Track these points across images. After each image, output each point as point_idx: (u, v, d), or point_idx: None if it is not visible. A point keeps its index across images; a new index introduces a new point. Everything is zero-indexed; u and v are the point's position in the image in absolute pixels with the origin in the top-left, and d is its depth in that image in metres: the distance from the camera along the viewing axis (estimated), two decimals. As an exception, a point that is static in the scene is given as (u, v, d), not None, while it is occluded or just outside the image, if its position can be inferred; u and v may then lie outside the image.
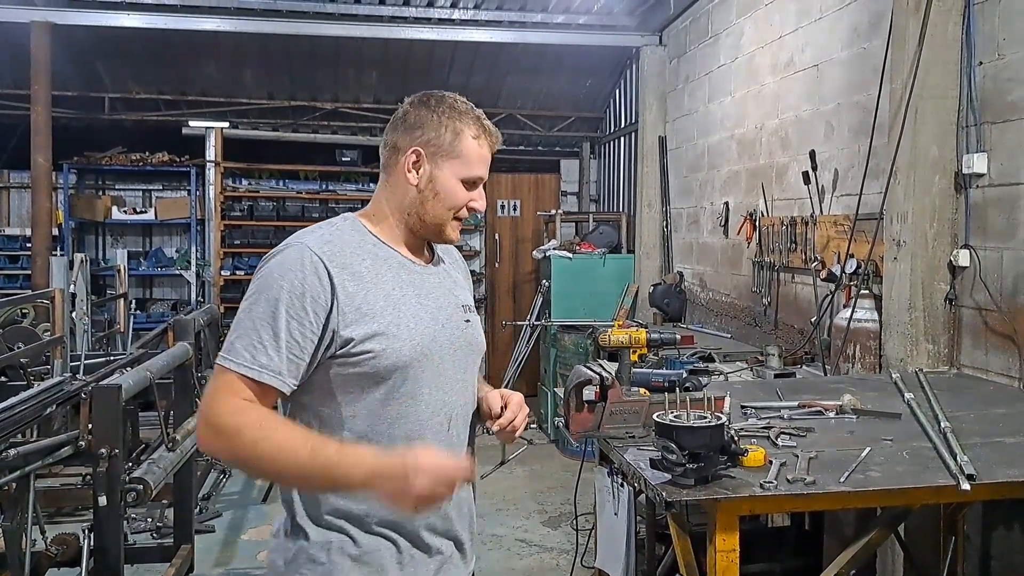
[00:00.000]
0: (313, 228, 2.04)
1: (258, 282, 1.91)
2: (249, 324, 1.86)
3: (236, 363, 1.84)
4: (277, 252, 1.95)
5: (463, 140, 2.03)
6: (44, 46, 7.99)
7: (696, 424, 2.50)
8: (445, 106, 2.04)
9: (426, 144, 2.01)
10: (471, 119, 2.05)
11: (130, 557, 4.66)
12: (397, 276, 2.00)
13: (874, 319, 4.72)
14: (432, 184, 2.03)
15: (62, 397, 3.97)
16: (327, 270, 1.89)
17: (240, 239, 10.56)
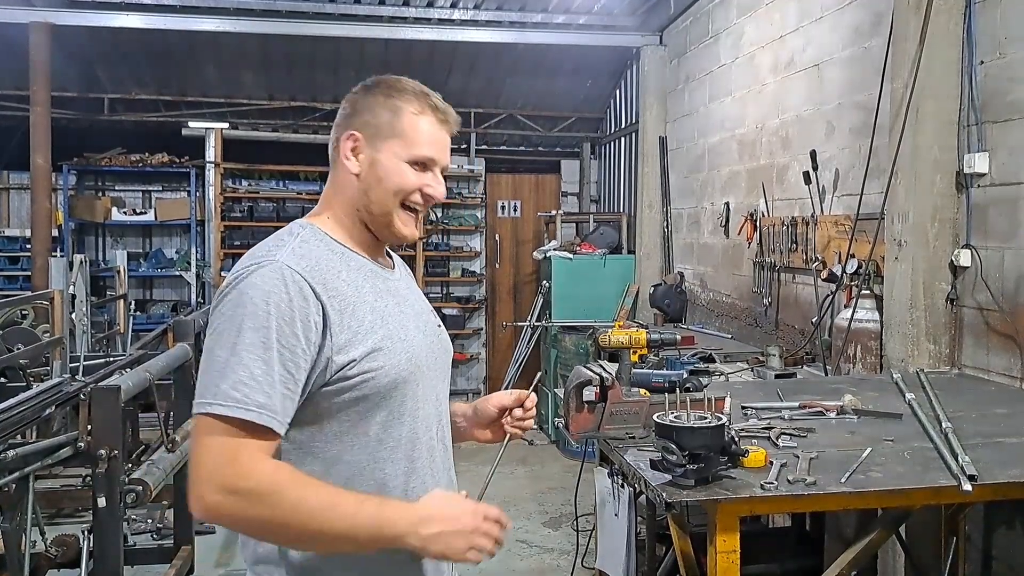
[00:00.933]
0: (274, 243, 1.75)
1: (233, 308, 1.63)
2: (235, 359, 1.58)
3: (229, 407, 1.57)
4: (246, 272, 1.66)
5: (403, 117, 1.83)
6: (43, 47, 7.98)
7: (696, 425, 2.49)
8: (383, 86, 1.88)
9: (363, 127, 1.83)
10: (412, 95, 1.87)
11: (130, 558, 4.65)
12: (374, 286, 1.80)
13: (875, 319, 4.71)
14: (373, 169, 1.81)
15: (62, 398, 3.97)
16: (312, 290, 1.65)
17: (240, 240, 10.54)
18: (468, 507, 1.66)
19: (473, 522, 1.64)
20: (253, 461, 1.57)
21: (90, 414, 3.69)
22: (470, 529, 1.63)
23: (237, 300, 1.63)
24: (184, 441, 4.42)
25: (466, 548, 1.63)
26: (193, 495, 1.58)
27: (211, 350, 1.62)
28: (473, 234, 11.34)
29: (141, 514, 5.76)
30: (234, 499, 1.56)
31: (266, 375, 1.58)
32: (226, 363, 1.58)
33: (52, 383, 4.20)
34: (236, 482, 1.55)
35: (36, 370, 5.27)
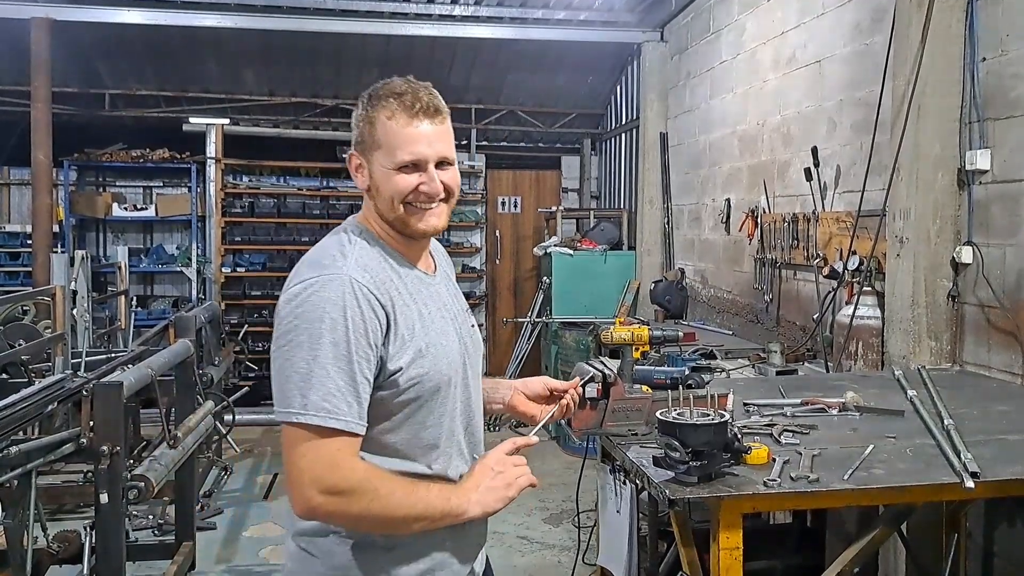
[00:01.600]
0: (336, 248, 1.89)
1: (310, 319, 1.77)
2: (321, 372, 1.74)
3: (323, 417, 1.74)
4: (315, 283, 1.79)
5: (379, 126, 1.89)
6: (44, 42, 7.98)
7: (700, 422, 2.49)
8: (368, 98, 1.94)
9: (357, 145, 1.94)
10: (386, 99, 1.91)
11: (132, 554, 4.66)
12: (419, 290, 1.94)
13: (876, 316, 4.71)
14: (374, 182, 1.93)
15: (63, 394, 3.97)
16: (379, 302, 1.81)
17: (241, 236, 10.56)
18: (491, 460, 1.97)
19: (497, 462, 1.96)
20: (350, 465, 1.78)
21: (92, 410, 3.69)
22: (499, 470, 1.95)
23: (313, 313, 1.76)
24: (185, 437, 4.43)
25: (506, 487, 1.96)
26: (297, 498, 1.78)
27: (288, 358, 1.78)
28: (474, 230, 11.34)
29: (143, 510, 5.76)
30: (337, 499, 1.77)
31: (349, 385, 1.76)
32: (310, 373, 1.75)
33: (54, 379, 4.20)
34: (338, 484, 1.76)
35: (38, 366, 5.27)
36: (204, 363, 6.27)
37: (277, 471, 7.28)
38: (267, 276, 10.58)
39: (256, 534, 6.00)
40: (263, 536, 5.95)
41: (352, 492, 1.77)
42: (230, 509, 6.44)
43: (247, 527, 6.12)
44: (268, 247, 10.65)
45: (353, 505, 1.78)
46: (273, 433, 8.61)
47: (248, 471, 7.43)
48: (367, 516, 1.80)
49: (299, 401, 1.75)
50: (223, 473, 7.11)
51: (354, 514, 1.80)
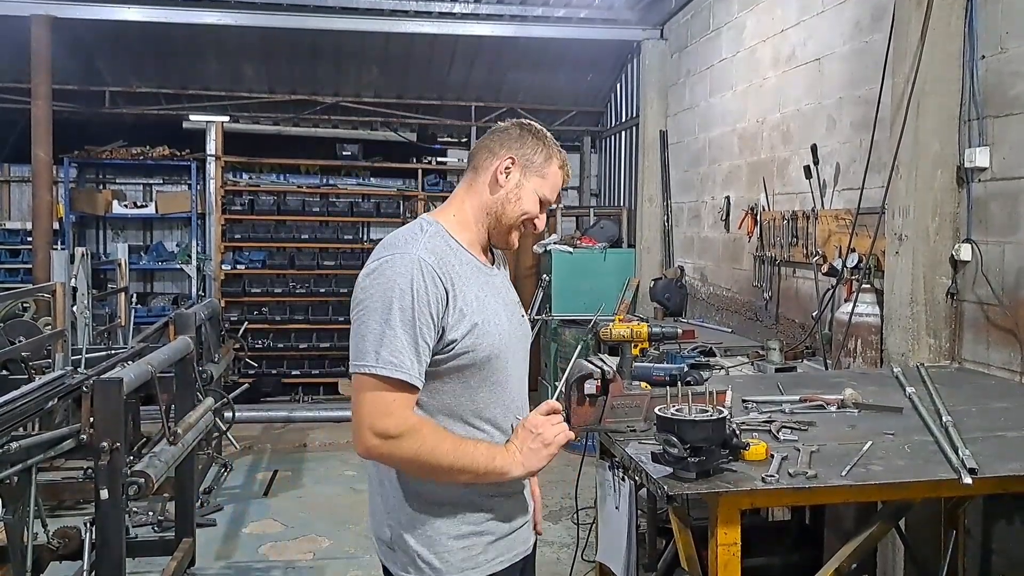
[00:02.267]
0: (409, 235, 2.19)
1: (382, 289, 2.06)
2: (390, 332, 2.03)
3: (390, 369, 2.02)
4: (387, 262, 2.10)
5: (552, 164, 2.33)
6: (44, 40, 7.98)
7: (698, 418, 2.49)
8: (542, 135, 2.35)
9: (522, 156, 2.29)
10: (559, 151, 2.36)
11: (132, 550, 4.67)
12: (477, 279, 2.22)
13: (875, 313, 4.71)
14: (517, 190, 2.29)
15: (63, 391, 3.97)
16: (440, 279, 2.09)
17: (241, 233, 10.57)
18: (531, 422, 2.21)
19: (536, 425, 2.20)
20: (404, 412, 2.05)
21: (92, 407, 3.69)
22: (538, 432, 2.20)
23: (386, 283, 2.06)
24: (186, 434, 4.43)
25: (545, 446, 2.21)
26: (356, 438, 2.08)
27: (364, 321, 2.07)
28: (474, 228, 11.32)
29: (143, 506, 5.77)
30: (389, 442, 2.05)
31: (411, 345, 2.04)
32: (383, 334, 2.03)
33: (54, 376, 4.19)
34: (390, 429, 2.03)
35: (38, 363, 5.28)
36: (204, 360, 6.27)
37: (277, 468, 7.30)
38: (267, 273, 10.59)
39: (256, 531, 6.01)
40: (263, 533, 5.96)
41: (401, 436, 2.04)
42: (230, 506, 6.44)
43: (247, 524, 6.13)
44: (268, 244, 10.65)
45: (403, 448, 2.05)
46: (272, 430, 8.63)
47: (248, 468, 7.44)
48: (415, 460, 2.07)
49: (372, 357, 2.03)
50: (223, 470, 7.12)
51: (403, 457, 2.07)
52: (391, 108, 10.91)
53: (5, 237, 10.27)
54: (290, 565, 5.42)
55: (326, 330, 10.46)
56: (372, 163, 10.90)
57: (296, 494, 6.72)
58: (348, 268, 10.65)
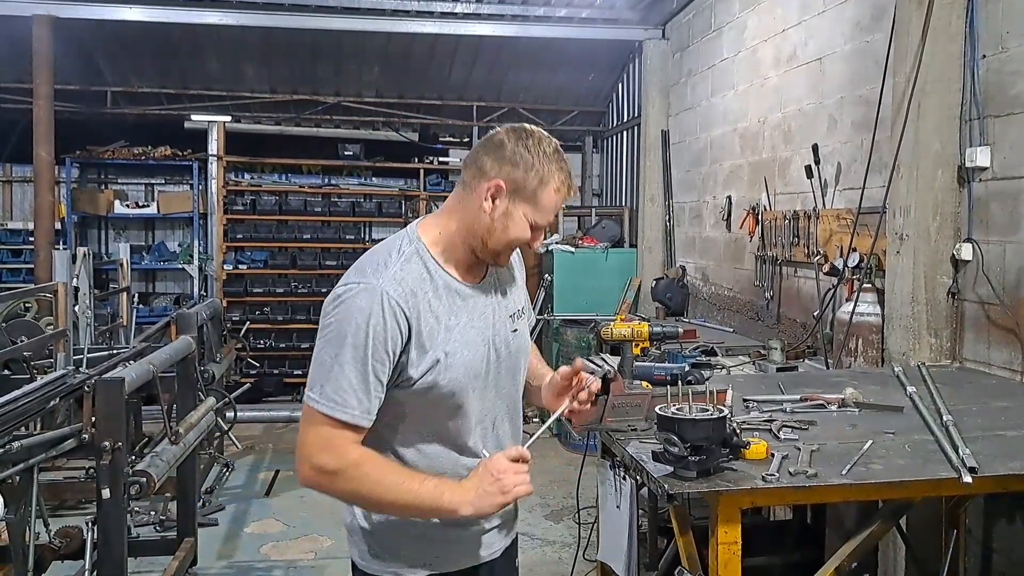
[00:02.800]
0: (385, 256, 2.09)
1: (338, 323, 1.99)
2: (338, 369, 1.97)
3: (331, 407, 1.97)
4: (351, 291, 2.01)
5: (546, 190, 2.09)
6: (46, 40, 7.99)
7: (698, 417, 2.50)
8: (540, 150, 2.08)
9: (511, 181, 2.06)
10: (558, 169, 2.10)
11: (133, 550, 4.67)
12: (453, 303, 2.11)
13: (876, 313, 4.71)
14: (504, 218, 2.09)
15: (65, 390, 3.98)
16: (405, 315, 2.00)
17: (242, 233, 10.58)
18: (494, 465, 2.03)
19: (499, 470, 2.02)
20: (342, 449, 1.99)
21: (94, 406, 3.70)
22: (497, 477, 2.01)
23: (344, 316, 1.99)
24: (187, 433, 4.44)
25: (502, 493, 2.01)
26: (296, 466, 2.04)
27: (320, 352, 2.01)
28: (475, 228, 11.33)
29: (144, 506, 5.78)
30: (327, 476, 2.01)
31: (361, 383, 1.97)
32: (331, 369, 1.98)
33: (56, 375, 4.20)
34: (327, 464, 1.99)
35: (40, 362, 5.29)
36: (206, 360, 6.28)
37: (279, 468, 7.30)
38: (269, 273, 10.60)
39: (257, 530, 6.01)
40: (264, 532, 5.96)
41: (338, 472, 2.00)
42: (231, 505, 6.45)
43: (248, 523, 6.13)
44: (270, 244, 10.66)
45: (340, 484, 2.02)
46: (274, 430, 8.64)
47: (249, 468, 7.44)
48: (354, 495, 2.07)
49: (316, 390, 1.99)
50: (225, 470, 7.13)
51: (341, 491, 2.05)
52: (393, 108, 10.91)
53: (7, 237, 10.28)
54: (292, 565, 5.43)
55: (328, 330, 10.45)
56: (374, 163, 10.90)
57: (298, 494, 6.72)
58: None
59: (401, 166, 10.98)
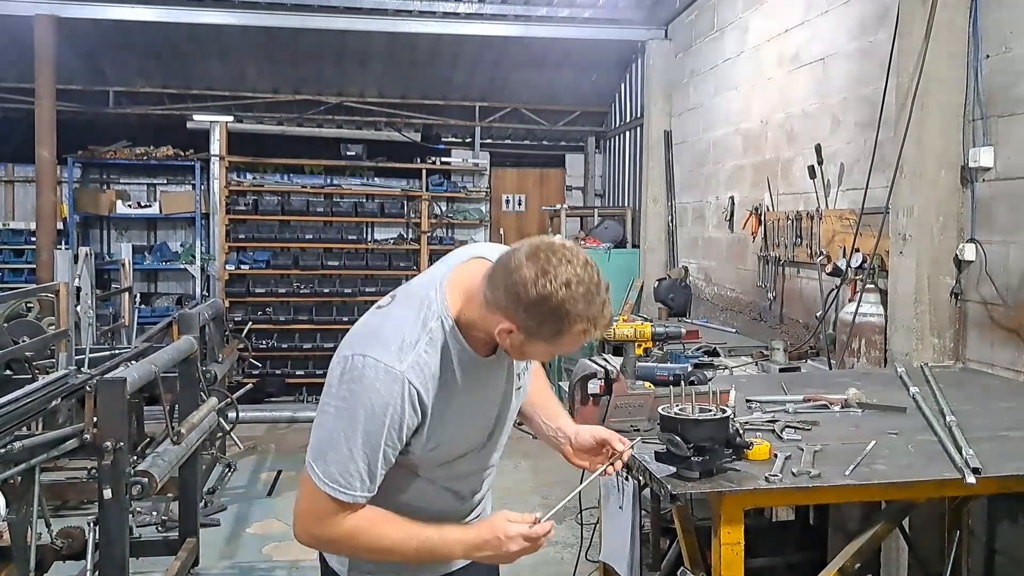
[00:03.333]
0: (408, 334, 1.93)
1: (353, 400, 1.88)
2: (347, 452, 1.89)
3: (334, 489, 1.90)
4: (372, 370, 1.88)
5: (565, 336, 1.88)
6: (48, 39, 7.99)
7: (701, 417, 2.49)
8: (559, 299, 1.81)
9: (524, 329, 1.87)
10: (584, 311, 1.85)
11: (135, 550, 4.66)
12: (468, 378, 1.99)
13: (879, 313, 4.70)
14: (520, 347, 1.93)
15: (67, 390, 3.97)
16: (422, 403, 1.91)
17: (244, 233, 10.58)
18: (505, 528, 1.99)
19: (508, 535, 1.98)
20: (336, 522, 1.94)
21: (96, 406, 3.70)
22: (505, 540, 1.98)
23: (361, 396, 1.88)
24: (189, 433, 4.43)
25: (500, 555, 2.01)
26: (293, 524, 2.01)
27: (328, 421, 1.92)
28: (477, 228, 11.34)
29: (146, 506, 5.77)
30: (321, 544, 2.05)
31: (367, 468, 1.90)
32: (339, 448, 1.89)
33: (57, 375, 4.20)
34: (321, 533, 1.98)
35: (41, 362, 5.28)
36: (208, 360, 6.27)
37: (281, 468, 7.30)
38: (271, 273, 10.60)
39: (259, 531, 6.01)
40: (266, 533, 5.96)
41: (333, 542, 2.02)
42: (234, 506, 6.45)
43: (250, 524, 6.13)
44: (272, 244, 10.66)
45: (335, 548, 2.09)
46: (276, 430, 8.64)
47: (252, 468, 7.44)
48: (350, 554, 2.11)
49: (321, 465, 1.91)
50: (227, 470, 7.12)
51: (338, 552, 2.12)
52: (395, 108, 10.91)
53: (9, 237, 10.28)
54: (294, 565, 5.42)
55: (330, 330, 10.45)
56: (376, 163, 10.90)
57: (300, 494, 6.72)
58: (352, 268, 10.66)
59: (403, 166, 10.97)
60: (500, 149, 11.50)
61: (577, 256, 1.86)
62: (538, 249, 1.84)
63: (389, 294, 2.11)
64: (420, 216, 10.82)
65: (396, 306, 2.01)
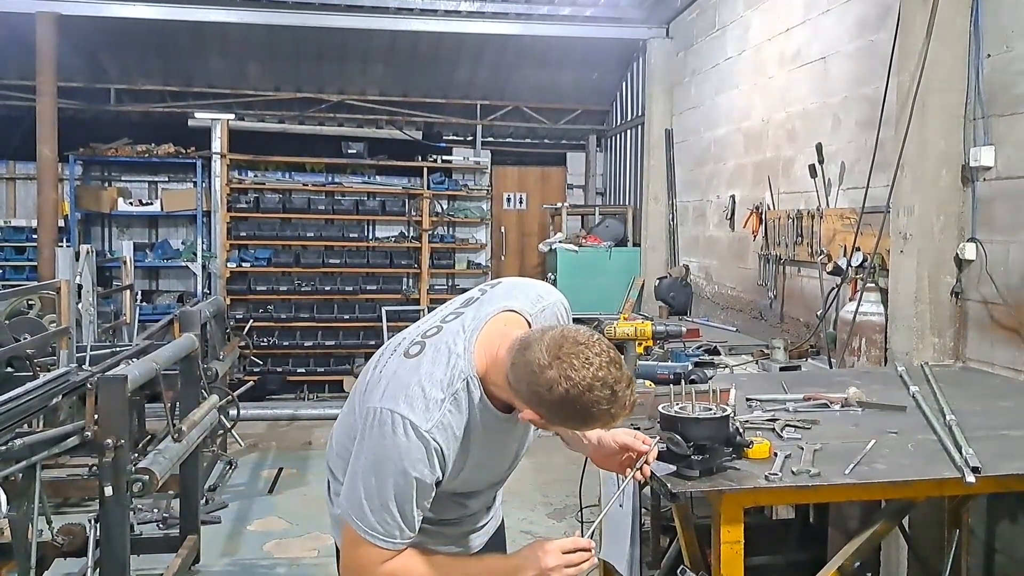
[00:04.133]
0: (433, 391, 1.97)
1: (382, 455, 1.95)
2: (379, 503, 1.95)
3: (374, 536, 1.96)
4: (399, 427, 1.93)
5: (590, 427, 2.01)
6: (49, 37, 8.00)
7: (701, 416, 2.49)
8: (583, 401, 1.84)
9: (549, 420, 1.93)
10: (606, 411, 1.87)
11: (136, 547, 4.66)
12: (488, 433, 2.05)
13: (880, 312, 4.70)
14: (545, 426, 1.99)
15: (68, 388, 3.97)
16: (445, 458, 1.97)
17: (246, 231, 10.58)
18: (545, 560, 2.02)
19: (548, 567, 2.01)
20: (375, 568, 2.00)
21: (97, 403, 3.69)
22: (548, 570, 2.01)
23: (389, 454, 1.94)
24: (190, 431, 4.43)
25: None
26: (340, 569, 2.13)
27: (359, 473, 1.98)
28: (479, 226, 11.34)
29: (147, 504, 5.78)
30: None
31: (402, 519, 1.96)
32: (372, 498, 1.96)
33: (59, 373, 4.20)
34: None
35: (43, 360, 5.27)
36: (209, 358, 6.27)
37: (282, 466, 7.30)
38: (272, 271, 10.61)
39: (260, 528, 6.01)
40: (267, 530, 5.96)
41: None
42: (235, 503, 6.44)
43: (251, 521, 6.13)
44: (273, 242, 10.66)
45: None
46: (277, 428, 8.64)
47: (253, 466, 7.44)
48: None
49: (361, 516, 1.97)
50: (228, 467, 7.12)
51: None
52: (396, 106, 10.91)
53: (11, 234, 10.28)
54: (295, 562, 5.42)
55: (331, 328, 10.47)
56: (377, 161, 10.90)
57: (301, 491, 6.71)
58: (353, 266, 10.68)
59: (405, 164, 10.97)
60: (501, 147, 11.51)
61: (600, 355, 1.86)
62: (560, 348, 1.85)
63: (419, 334, 2.12)
64: (421, 214, 10.83)
65: (426, 359, 2.02)
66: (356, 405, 2.09)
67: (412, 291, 10.83)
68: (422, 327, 2.15)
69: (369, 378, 2.10)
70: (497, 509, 2.51)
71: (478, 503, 2.31)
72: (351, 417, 2.11)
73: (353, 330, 10.51)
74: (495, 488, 2.35)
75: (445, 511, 2.18)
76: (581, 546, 2.03)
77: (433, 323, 2.14)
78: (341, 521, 2.09)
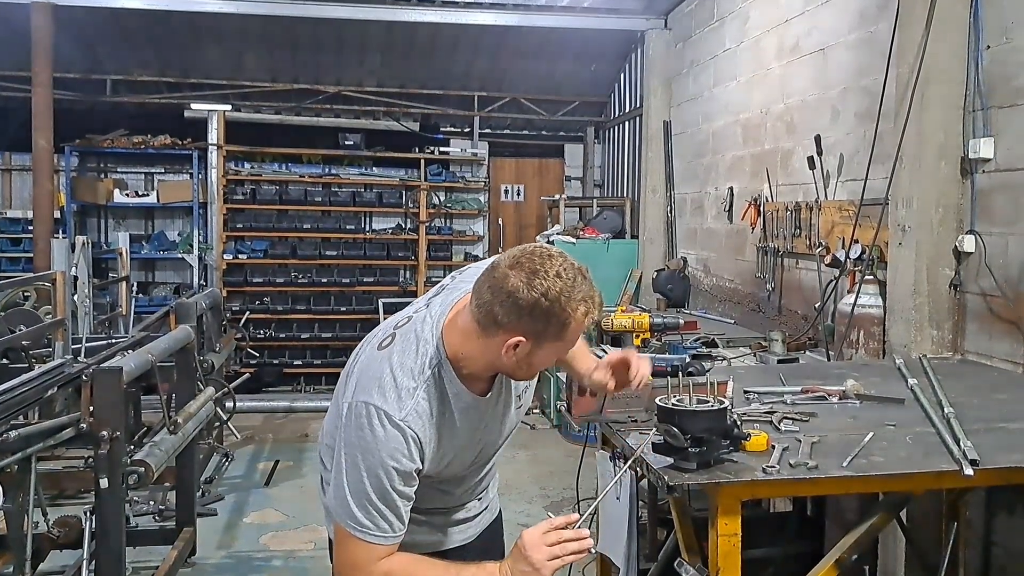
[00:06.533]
0: (405, 379, 2.00)
1: (361, 451, 1.96)
2: (365, 498, 1.96)
3: (364, 533, 1.98)
4: (374, 420, 1.96)
5: (570, 327, 1.94)
6: (45, 27, 7.95)
7: (699, 408, 2.49)
8: (556, 291, 1.88)
9: (531, 333, 1.92)
10: (581, 300, 1.92)
11: (132, 539, 4.66)
12: (465, 417, 2.07)
13: (878, 305, 4.70)
14: (529, 358, 1.98)
15: (63, 379, 3.96)
16: (422, 446, 1.99)
17: (243, 223, 10.56)
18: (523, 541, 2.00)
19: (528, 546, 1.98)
20: (369, 567, 2.01)
21: (92, 395, 3.68)
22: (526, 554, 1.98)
23: (366, 448, 1.95)
24: (186, 423, 4.42)
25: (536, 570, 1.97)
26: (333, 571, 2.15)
27: (341, 469, 1.99)
28: (476, 218, 11.33)
29: (143, 496, 5.76)
30: None
31: (390, 511, 1.98)
32: (358, 494, 1.96)
33: (54, 364, 4.19)
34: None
35: (38, 351, 5.26)
36: (205, 350, 6.26)
37: (278, 458, 7.30)
38: (269, 263, 10.59)
39: (257, 520, 6.01)
40: (264, 522, 5.96)
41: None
42: (231, 495, 6.44)
43: (248, 513, 6.13)
44: (270, 234, 10.64)
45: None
46: (274, 420, 8.63)
47: (249, 458, 7.44)
48: None
49: (349, 515, 1.98)
50: (224, 459, 7.12)
51: None
52: (393, 97, 10.88)
53: (6, 226, 10.26)
54: (291, 555, 5.42)
55: (328, 320, 10.46)
56: (374, 152, 10.87)
57: (297, 484, 6.71)
58: (350, 258, 10.66)
59: (402, 156, 10.94)
60: (499, 139, 11.48)
61: (551, 250, 1.97)
62: (516, 257, 1.93)
63: (391, 325, 2.14)
64: (418, 206, 10.81)
65: (396, 349, 2.04)
66: (337, 400, 2.12)
67: (409, 283, 10.81)
68: (395, 319, 2.17)
69: (346, 374, 2.13)
70: (492, 500, 2.52)
71: (460, 489, 2.30)
72: (334, 413, 2.14)
73: (350, 322, 10.48)
74: (479, 474, 2.33)
75: (427, 500, 2.17)
76: (553, 525, 2.00)
77: (406, 314, 2.16)
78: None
